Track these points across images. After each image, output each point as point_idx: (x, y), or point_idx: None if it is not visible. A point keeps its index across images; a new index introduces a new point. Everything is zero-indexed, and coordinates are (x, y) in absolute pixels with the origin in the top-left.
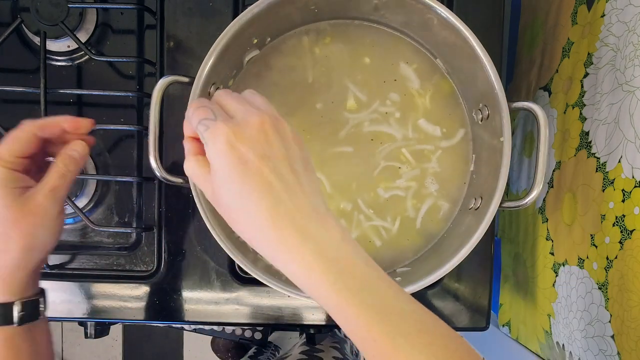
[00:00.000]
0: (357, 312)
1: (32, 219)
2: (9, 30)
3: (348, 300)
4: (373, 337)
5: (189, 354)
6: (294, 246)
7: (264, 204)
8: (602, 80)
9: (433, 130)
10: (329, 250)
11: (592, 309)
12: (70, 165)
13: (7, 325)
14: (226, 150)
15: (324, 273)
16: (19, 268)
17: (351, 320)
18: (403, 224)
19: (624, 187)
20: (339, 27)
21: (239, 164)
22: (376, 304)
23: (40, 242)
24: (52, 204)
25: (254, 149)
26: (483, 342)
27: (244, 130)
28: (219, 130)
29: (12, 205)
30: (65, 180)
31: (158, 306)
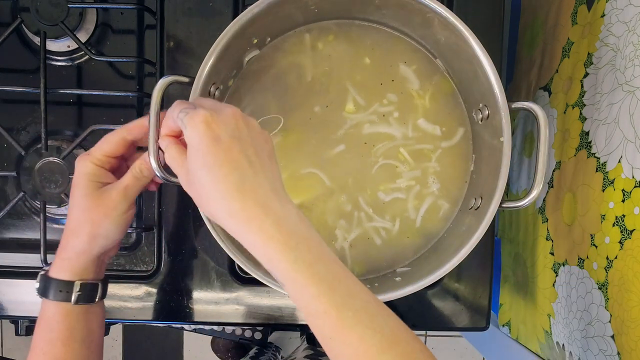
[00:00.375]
0: (309, 282)
1: (102, 210)
2: (9, 30)
3: (302, 272)
4: (324, 309)
5: (189, 354)
6: (256, 217)
7: (231, 177)
8: (602, 80)
9: (433, 130)
10: (287, 225)
11: (592, 309)
12: (145, 171)
13: (66, 302)
14: (203, 129)
15: (281, 243)
16: (84, 252)
17: (304, 291)
18: (403, 223)
19: (624, 187)
20: (341, 27)
21: (213, 140)
22: (328, 278)
23: (104, 231)
24: (122, 200)
25: (226, 130)
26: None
27: (219, 115)
28: (198, 113)
29: (90, 195)
30: (138, 182)
31: (158, 306)
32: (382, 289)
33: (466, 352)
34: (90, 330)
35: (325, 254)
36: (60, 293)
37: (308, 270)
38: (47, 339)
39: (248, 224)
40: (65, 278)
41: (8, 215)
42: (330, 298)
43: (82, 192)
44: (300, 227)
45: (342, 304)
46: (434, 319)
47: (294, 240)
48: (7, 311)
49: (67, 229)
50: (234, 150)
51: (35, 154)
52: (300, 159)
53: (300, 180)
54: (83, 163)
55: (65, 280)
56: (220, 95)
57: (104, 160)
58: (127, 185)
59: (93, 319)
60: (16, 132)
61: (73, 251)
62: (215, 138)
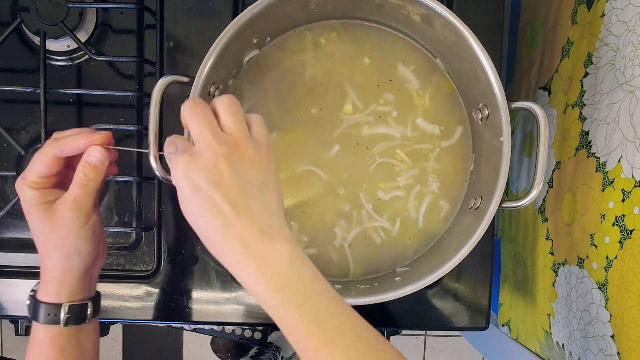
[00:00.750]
0: (297, 323)
1: (59, 230)
2: (9, 30)
3: (290, 313)
4: (313, 347)
5: (189, 354)
6: (243, 261)
7: (215, 223)
8: (602, 80)
9: (432, 129)
10: (274, 266)
11: (592, 309)
12: (90, 174)
13: (55, 325)
14: (183, 180)
15: (269, 286)
16: (63, 273)
17: (292, 331)
18: (404, 224)
19: (624, 187)
20: (341, 26)
21: (193, 191)
22: (318, 317)
23: (74, 249)
24: (76, 214)
25: (207, 178)
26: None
27: (197, 161)
28: (178, 163)
29: (42, 219)
30: (86, 190)
31: (158, 306)
32: (382, 289)
33: (466, 352)
34: (83, 350)
35: (318, 292)
36: (49, 316)
37: (296, 311)
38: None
39: (236, 266)
40: (53, 301)
41: (8, 215)
42: (318, 337)
43: (34, 217)
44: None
45: (332, 342)
46: (434, 319)
47: (282, 282)
48: (7, 311)
49: (39, 252)
50: (215, 197)
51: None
52: (299, 159)
53: (299, 180)
54: (21, 190)
55: (53, 303)
56: (220, 95)
57: (41, 182)
58: (75, 198)
59: (85, 339)
60: (16, 132)
61: (53, 274)
62: (195, 188)
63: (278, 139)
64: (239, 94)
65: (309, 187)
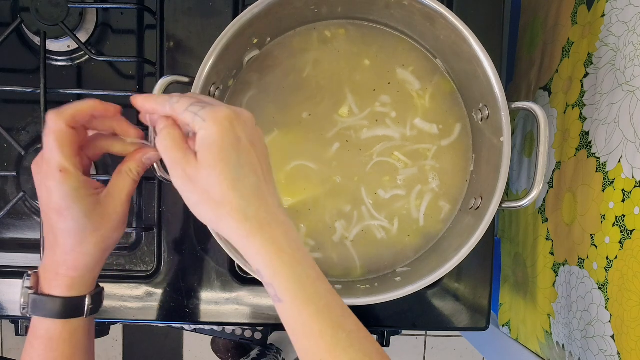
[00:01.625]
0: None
1: (109, 225)
2: (9, 30)
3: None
4: (319, 329)
5: (189, 354)
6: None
7: (250, 179)
8: (602, 80)
9: (430, 129)
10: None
11: (592, 309)
12: (141, 172)
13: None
14: (228, 126)
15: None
16: (95, 266)
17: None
18: (404, 223)
19: (624, 187)
20: (341, 26)
21: (236, 139)
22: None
23: (113, 242)
24: (125, 208)
25: (246, 134)
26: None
27: (241, 116)
28: (222, 109)
29: (92, 215)
30: (134, 184)
31: (158, 306)
32: (382, 289)
33: (466, 352)
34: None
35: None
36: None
37: (311, 287)
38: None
39: (259, 229)
40: (77, 294)
41: (8, 215)
42: (327, 317)
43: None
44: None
45: (338, 325)
46: (434, 319)
47: (300, 254)
48: (7, 311)
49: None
50: (252, 154)
51: (35, 154)
52: (298, 158)
53: (298, 180)
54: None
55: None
56: (220, 95)
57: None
58: (129, 193)
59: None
60: (16, 132)
61: (86, 268)
62: (237, 138)
63: (278, 138)
64: (238, 94)
65: (308, 188)
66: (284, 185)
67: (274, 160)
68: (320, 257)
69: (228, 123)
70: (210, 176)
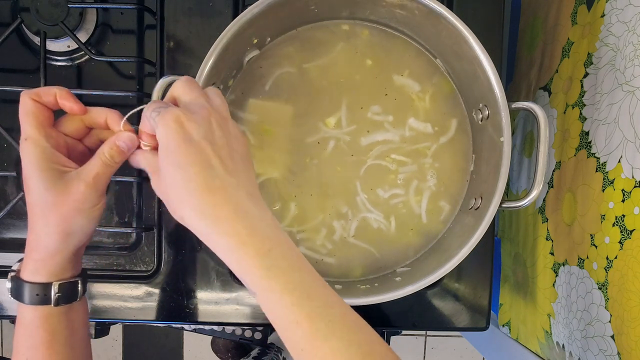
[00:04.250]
0: (282, 290)
1: (71, 204)
2: (9, 30)
3: (276, 279)
4: (296, 319)
5: (189, 354)
6: (227, 218)
7: (202, 175)
8: (602, 80)
9: (431, 128)
10: (260, 228)
11: (592, 309)
12: (116, 157)
13: (44, 305)
14: (175, 127)
15: (255, 248)
16: (57, 251)
17: (276, 300)
18: (404, 222)
19: (624, 187)
20: (341, 26)
21: (184, 139)
22: (303, 286)
23: (78, 227)
24: (93, 192)
25: (198, 131)
26: (483, 342)
27: (192, 115)
28: (170, 111)
29: (50, 188)
30: (108, 170)
31: (158, 306)
32: (382, 289)
33: (466, 352)
34: (73, 329)
35: (299, 262)
36: (37, 297)
37: (282, 277)
38: (29, 345)
39: (219, 224)
40: (41, 280)
41: (8, 215)
42: (303, 308)
43: (39, 184)
44: (275, 232)
45: (316, 315)
46: (434, 319)
47: (268, 245)
48: (7, 311)
49: (32, 226)
50: (206, 150)
51: None
52: (297, 159)
53: (294, 181)
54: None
55: (42, 282)
56: None
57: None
58: (96, 174)
59: (75, 318)
60: (16, 132)
61: (46, 251)
62: (187, 138)
63: (278, 137)
64: (238, 94)
65: (307, 188)
66: (283, 186)
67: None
68: (320, 259)
69: (175, 124)
70: (165, 179)
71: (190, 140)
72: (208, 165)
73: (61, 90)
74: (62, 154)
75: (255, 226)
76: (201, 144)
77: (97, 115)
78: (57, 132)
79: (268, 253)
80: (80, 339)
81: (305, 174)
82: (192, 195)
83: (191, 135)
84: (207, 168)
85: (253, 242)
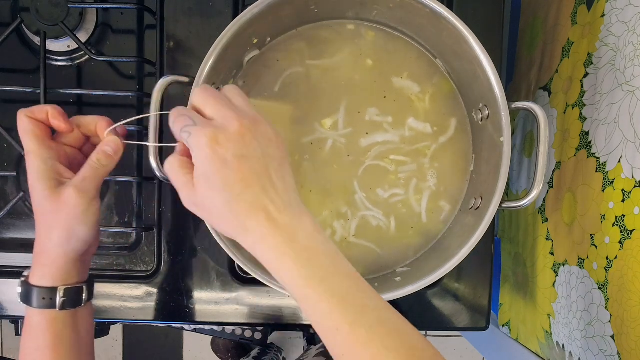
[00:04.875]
0: (321, 298)
1: (64, 210)
2: (9, 30)
3: (314, 288)
4: (335, 325)
5: (189, 354)
6: (268, 234)
7: (243, 196)
8: (602, 80)
9: (430, 128)
10: (299, 240)
11: (592, 309)
12: (102, 160)
13: (50, 309)
14: (209, 153)
15: (293, 259)
16: (60, 256)
17: (316, 308)
18: (404, 222)
19: (624, 187)
20: (341, 26)
21: (221, 163)
22: (341, 293)
23: (75, 232)
24: (81, 195)
25: (233, 150)
26: (483, 342)
27: (223, 133)
28: (202, 134)
29: (48, 196)
30: (96, 173)
31: (158, 306)
32: (382, 289)
33: (466, 352)
34: (78, 334)
35: (340, 268)
36: (44, 300)
37: (320, 286)
38: (35, 347)
39: (262, 241)
40: (47, 285)
41: (8, 215)
42: (342, 314)
43: (39, 194)
44: (314, 240)
45: (355, 321)
46: (434, 319)
47: (306, 255)
48: (7, 311)
49: (38, 232)
50: (243, 169)
51: None
52: (294, 159)
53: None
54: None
55: (48, 287)
56: None
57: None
58: (83, 177)
59: (81, 323)
60: (16, 132)
61: (50, 256)
62: (222, 160)
63: None
64: None
65: (306, 189)
66: None
67: None
68: None
69: (209, 149)
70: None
71: (225, 162)
72: (247, 184)
73: (53, 110)
74: (62, 164)
75: (294, 238)
76: (237, 164)
77: (89, 123)
78: (57, 143)
79: (306, 264)
80: (86, 344)
81: (304, 174)
82: (236, 217)
83: (225, 157)
84: (247, 187)
85: (292, 254)
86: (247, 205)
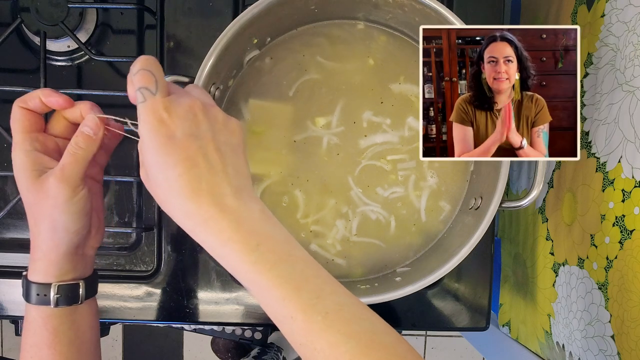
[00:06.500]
0: (272, 285)
1: (46, 201)
2: (9, 30)
3: (264, 273)
4: (289, 313)
5: (189, 354)
6: (211, 218)
7: (185, 177)
8: (602, 80)
9: None
10: (247, 224)
11: (592, 309)
12: (80, 142)
13: (45, 306)
14: (157, 125)
15: (240, 244)
16: (51, 249)
17: (267, 295)
18: (404, 222)
19: (624, 187)
20: (341, 27)
21: (167, 138)
22: (294, 279)
23: (60, 224)
24: (62, 184)
25: (182, 127)
26: (483, 342)
27: (175, 108)
28: (153, 104)
29: (30, 187)
30: (75, 159)
31: (158, 306)
32: (382, 289)
33: (466, 352)
34: (78, 331)
35: (292, 253)
36: (39, 297)
37: (270, 271)
38: (32, 343)
39: (204, 225)
40: (42, 280)
41: (8, 215)
42: (295, 301)
43: (23, 186)
44: (264, 226)
45: (310, 307)
46: (434, 319)
47: (255, 240)
48: (7, 311)
49: (30, 227)
50: (190, 148)
51: None
52: (297, 161)
53: (292, 183)
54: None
55: (42, 282)
56: (220, 95)
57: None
58: (63, 166)
59: (80, 320)
60: None
61: (42, 251)
62: (169, 135)
63: (274, 136)
64: (237, 94)
65: (306, 189)
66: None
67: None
68: (331, 259)
69: (157, 123)
70: (150, 178)
71: (172, 137)
72: (192, 164)
73: (44, 90)
74: (52, 155)
75: (240, 222)
76: (185, 141)
77: (74, 111)
78: (46, 135)
79: (255, 248)
80: (87, 341)
81: (303, 174)
82: (176, 197)
83: (174, 132)
84: (192, 167)
85: (238, 238)
86: (189, 187)
